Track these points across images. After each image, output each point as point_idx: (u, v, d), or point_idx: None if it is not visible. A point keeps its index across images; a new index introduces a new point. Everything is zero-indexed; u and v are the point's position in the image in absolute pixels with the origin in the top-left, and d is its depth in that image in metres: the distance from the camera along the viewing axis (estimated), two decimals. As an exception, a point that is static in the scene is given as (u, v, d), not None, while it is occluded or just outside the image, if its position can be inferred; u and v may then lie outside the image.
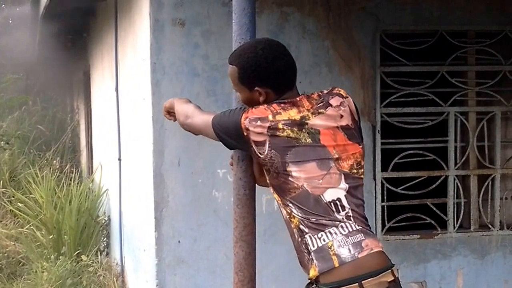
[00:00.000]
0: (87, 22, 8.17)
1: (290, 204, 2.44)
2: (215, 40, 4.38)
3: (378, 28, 4.54)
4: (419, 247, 4.73)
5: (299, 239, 2.45)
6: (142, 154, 4.74)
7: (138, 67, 4.84)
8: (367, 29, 4.56)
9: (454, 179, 4.79)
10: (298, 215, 2.43)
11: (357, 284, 2.31)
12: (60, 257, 6.31)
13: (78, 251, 6.55)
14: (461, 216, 4.85)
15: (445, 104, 4.75)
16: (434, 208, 4.71)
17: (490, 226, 4.89)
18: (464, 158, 4.83)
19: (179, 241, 4.35)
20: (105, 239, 6.99)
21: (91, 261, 6.33)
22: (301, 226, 2.42)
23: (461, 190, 4.83)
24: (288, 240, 4.44)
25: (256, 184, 2.67)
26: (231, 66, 2.57)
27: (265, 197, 4.40)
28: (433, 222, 4.72)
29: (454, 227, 4.82)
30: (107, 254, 6.93)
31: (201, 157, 4.38)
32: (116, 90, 6.07)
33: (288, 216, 2.48)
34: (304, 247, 2.43)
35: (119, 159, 6.05)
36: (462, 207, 4.85)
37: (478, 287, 4.87)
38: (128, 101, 5.51)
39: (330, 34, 4.54)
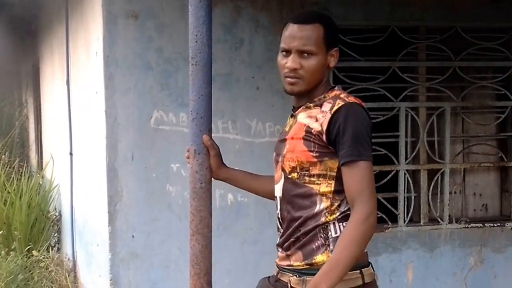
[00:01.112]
0: (36, 13, 8.06)
1: (333, 183, 2.38)
2: (168, 33, 4.37)
3: (331, 23, 4.57)
4: (370, 241, 4.79)
5: (320, 223, 2.39)
6: (95, 149, 4.71)
7: (90, 60, 4.80)
8: None
9: (405, 174, 4.86)
10: (335, 198, 2.39)
11: (358, 271, 2.39)
12: (11, 252, 6.26)
13: (29, 246, 6.50)
14: (411, 210, 4.91)
15: (396, 100, 4.81)
16: (385, 202, 4.77)
17: (439, 220, 4.97)
18: (414, 153, 4.89)
19: (133, 236, 4.35)
20: (56, 234, 6.95)
21: (43, 257, 6.27)
22: (332, 210, 2.39)
23: (411, 184, 4.90)
24: (241, 235, 4.51)
25: (212, 178, 2.67)
26: (312, 24, 2.40)
27: (219, 191, 4.43)
28: (384, 216, 4.79)
29: (405, 221, 4.89)
30: (59, 249, 6.88)
31: (154, 152, 4.38)
32: (67, 83, 6.01)
33: (320, 196, 2.39)
34: (323, 232, 2.39)
35: (71, 154, 6.01)
36: (412, 202, 4.92)
37: (428, 280, 4.95)
38: (79, 95, 5.46)
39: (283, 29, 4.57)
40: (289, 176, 2.45)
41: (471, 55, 4.95)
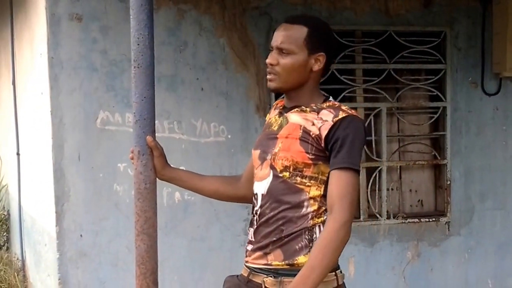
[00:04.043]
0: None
1: (322, 187, 2.40)
2: (113, 35, 4.40)
3: (271, 27, 4.64)
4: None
5: (308, 225, 2.39)
6: (41, 149, 4.71)
7: (35, 61, 4.80)
8: (261, 28, 4.69)
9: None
10: (323, 202, 2.39)
11: (334, 273, 2.42)
12: (-42, 253, 6.20)
13: (-23, 246, 6.44)
14: (351, 206, 5.05)
15: (335, 100, 4.92)
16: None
17: (378, 215, 5.10)
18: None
19: (81, 235, 4.37)
20: (5, 233, 6.86)
21: (-9, 256, 6.22)
22: (319, 213, 2.40)
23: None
24: (188, 233, 4.59)
25: (156, 178, 2.66)
26: (296, 25, 2.44)
27: (166, 190, 4.48)
28: (325, 212, 4.90)
29: (346, 217, 5.02)
30: (8, 249, 6.81)
31: (101, 152, 4.41)
32: (13, 83, 5.96)
33: (309, 199, 2.41)
34: (308, 233, 2.39)
35: (18, 154, 5.97)
36: (352, 198, 5.06)
37: (368, 273, 5.07)
38: (25, 95, 5.45)
39: (226, 32, 4.65)
40: (280, 175, 2.43)
41: (405, 58, 5.10)
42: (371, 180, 5.09)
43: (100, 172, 4.42)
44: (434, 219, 5.24)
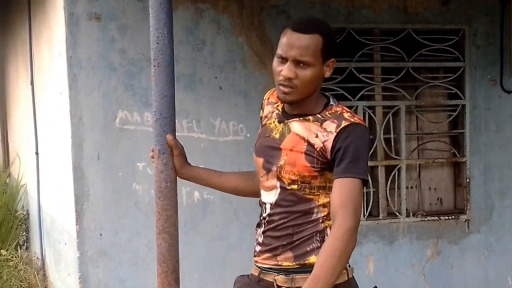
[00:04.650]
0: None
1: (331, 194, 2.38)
2: (131, 34, 4.41)
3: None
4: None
5: (319, 228, 2.40)
6: (60, 148, 4.73)
7: (54, 61, 4.82)
8: (279, 27, 4.62)
9: (363, 170, 4.97)
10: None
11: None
12: (-21, 252, 6.23)
13: (-3, 246, 6.46)
14: (370, 205, 5.03)
15: (353, 99, 4.93)
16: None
17: (397, 213, 5.09)
18: (372, 150, 5.00)
19: (100, 234, 4.39)
20: (24, 233, 6.88)
21: (11, 256, 6.24)
22: (329, 217, 2.38)
23: (370, 180, 4.96)
24: (208, 231, 4.60)
25: (177, 177, 2.67)
26: (311, 35, 2.34)
27: (185, 189, 4.49)
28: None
29: (364, 215, 4.99)
30: (27, 248, 6.84)
31: (120, 151, 4.42)
32: (32, 83, 6.00)
33: (318, 206, 2.42)
34: (319, 235, 2.40)
35: (37, 153, 5.99)
36: (372, 196, 5.04)
37: (388, 271, 5.07)
38: (44, 95, 5.47)
39: (244, 31, 4.65)
40: (288, 188, 2.41)
41: (423, 56, 5.09)
42: (390, 178, 5.08)
43: (120, 171, 4.43)
44: (453, 217, 5.23)
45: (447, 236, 5.20)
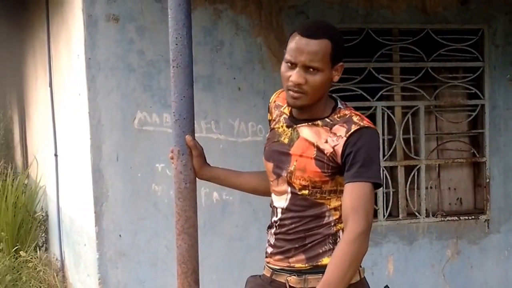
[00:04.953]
0: (17, 18, 8.08)
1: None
2: (149, 35, 4.42)
3: (308, 26, 4.65)
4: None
5: (331, 231, 2.40)
6: (79, 150, 4.75)
7: (72, 62, 4.83)
8: None
9: (383, 170, 4.96)
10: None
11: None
12: (-2, 253, 6.27)
13: (17, 247, 6.48)
14: (390, 205, 5.03)
15: (372, 99, 4.92)
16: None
17: (417, 214, 5.08)
18: (391, 150, 5.01)
19: (120, 235, 4.40)
20: (43, 234, 6.91)
21: (30, 257, 6.27)
22: (341, 220, 2.36)
23: (389, 180, 5.01)
24: (227, 232, 4.60)
25: (196, 177, 2.67)
26: (320, 40, 2.32)
27: (204, 190, 4.49)
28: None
29: (384, 216, 5.00)
30: (46, 249, 6.87)
31: (139, 152, 4.43)
32: (50, 85, 6.03)
33: (330, 210, 2.41)
34: (332, 238, 2.39)
35: (55, 155, 6.02)
36: (391, 197, 5.03)
37: (408, 272, 5.05)
38: (63, 97, 5.50)
39: (262, 31, 4.65)
40: (299, 193, 2.41)
41: (442, 56, 5.07)
42: (409, 178, 5.07)
43: (138, 172, 4.44)
44: (473, 217, 5.21)
45: (467, 236, 5.18)
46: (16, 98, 10.17)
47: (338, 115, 2.38)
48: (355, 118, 2.35)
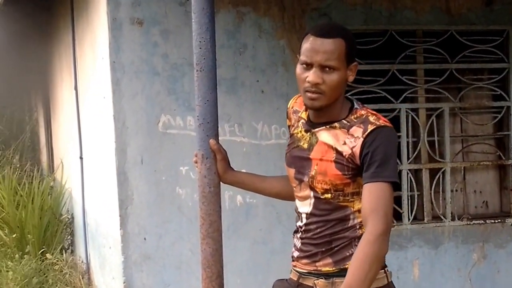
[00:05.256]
0: (43, 20, 8.16)
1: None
2: (173, 39, 4.43)
3: (331, 28, 4.63)
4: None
5: (357, 234, 2.39)
6: (104, 153, 4.78)
7: (97, 66, 4.86)
8: None
9: (407, 173, 4.93)
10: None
11: (383, 271, 2.41)
12: (25, 256, 6.31)
13: (43, 249, 6.54)
14: (415, 209, 4.99)
15: (396, 101, 4.90)
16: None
17: (442, 217, 5.04)
18: (416, 153, 4.97)
19: (144, 238, 4.41)
20: (69, 237, 6.98)
21: (56, 259, 6.32)
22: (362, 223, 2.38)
23: (414, 183, 4.98)
24: (251, 236, 4.60)
25: (220, 182, 2.68)
26: (335, 39, 2.34)
27: (228, 193, 4.49)
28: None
29: (409, 219, 4.97)
30: (72, 252, 6.92)
31: (163, 155, 4.44)
32: (75, 88, 6.07)
33: (354, 212, 2.41)
34: (357, 240, 2.37)
35: (81, 158, 6.06)
36: (416, 200, 5.00)
37: (433, 276, 5.01)
38: (88, 100, 5.53)
39: (286, 34, 4.64)
40: (322, 197, 2.42)
41: (467, 57, 5.04)
42: (434, 181, 5.04)
43: (163, 175, 4.45)
44: (499, 220, 5.16)
45: (494, 240, 5.13)
46: (42, 100, 10.29)
47: (355, 116, 2.39)
48: (371, 118, 2.35)
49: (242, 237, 4.60)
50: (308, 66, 2.36)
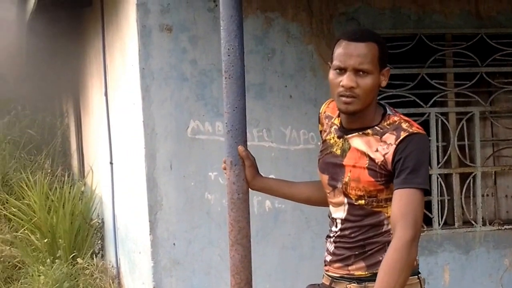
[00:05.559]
0: (74, 27, 8.25)
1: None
2: (202, 45, 4.45)
3: (359, 32, 4.63)
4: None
5: (390, 239, 2.36)
6: (134, 158, 4.80)
7: (126, 72, 4.90)
8: None
9: (437, 178, 4.90)
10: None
11: (417, 276, 2.44)
12: (56, 260, 6.36)
13: (73, 254, 6.58)
14: (445, 213, 4.95)
15: (425, 105, 4.87)
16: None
17: (473, 222, 5.00)
18: (446, 157, 4.94)
19: (174, 244, 4.42)
20: (99, 241, 7.03)
21: (87, 264, 6.35)
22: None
23: (444, 188, 4.94)
24: (280, 241, 4.60)
25: (249, 188, 2.70)
26: (367, 43, 2.37)
27: (256, 198, 4.49)
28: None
29: (439, 224, 4.93)
30: (102, 256, 6.97)
31: (192, 161, 4.45)
32: (105, 94, 6.13)
33: (388, 218, 2.43)
34: (388, 245, 2.35)
35: (111, 163, 6.11)
36: (446, 205, 4.96)
37: (464, 281, 4.97)
38: (117, 106, 5.58)
39: (314, 39, 4.64)
40: (356, 203, 2.44)
41: (497, 60, 4.99)
42: (465, 186, 5.00)
43: (192, 181, 4.46)
44: (531, 225, 5.10)
45: (526, 245, 5.07)
46: (72, 106, 10.39)
47: (388, 122, 2.41)
48: (404, 125, 2.37)
49: (270, 242, 4.60)
50: (342, 70, 2.38)
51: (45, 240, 6.84)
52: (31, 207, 7.49)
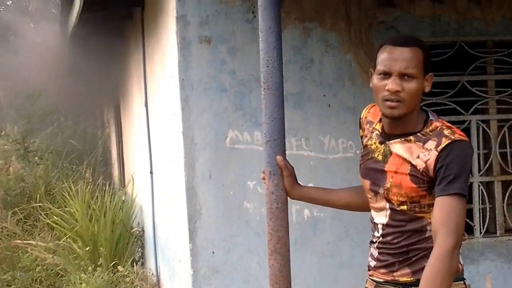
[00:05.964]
0: (114, 40, 8.36)
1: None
2: (241, 56, 4.48)
3: (399, 41, 4.62)
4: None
5: (433, 245, 2.35)
6: (173, 168, 4.85)
7: (166, 83, 4.95)
8: None
9: (479, 186, 4.86)
10: None
11: (463, 282, 2.45)
12: (97, 268, 6.43)
13: (114, 262, 6.66)
14: (487, 222, 4.91)
15: (466, 113, 4.84)
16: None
17: (515, 230, 4.95)
18: (487, 165, 4.90)
19: (213, 252, 4.45)
20: (139, 249, 7.09)
21: (128, 272, 6.42)
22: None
23: (485, 196, 4.90)
24: (318, 249, 4.60)
25: (288, 197, 2.72)
26: (412, 48, 2.40)
27: (295, 207, 4.50)
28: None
29: (481, 232, 4.89)
30: (142, 264, 7.03)
31: (231, 170, 4.48)
32: (146, 105, 6.19)
33: (430, 223, 2.41)
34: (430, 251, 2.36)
35: (151, 172, 6.17)
36: (488, 213, 4.91)
37: (507, 290, 4.92)
38: (157, 116, 5.63)
39: (352, 48, 4.64)
40: (398, 209, 2.45)
41: (539, 67, 4.94)
42: (507, 194, 4.95)
43: (231, 190, 4.49)
44: None
45: None
46: (113, 116, 10.52)
47: (430, 129, 2.41)
48: (446, 132, 2.37)
49: (309, 251, 4.60)
50: (387, 75, 2.40)
51: (87, 248, 6.92)
52: (73, 216, 7.59)
